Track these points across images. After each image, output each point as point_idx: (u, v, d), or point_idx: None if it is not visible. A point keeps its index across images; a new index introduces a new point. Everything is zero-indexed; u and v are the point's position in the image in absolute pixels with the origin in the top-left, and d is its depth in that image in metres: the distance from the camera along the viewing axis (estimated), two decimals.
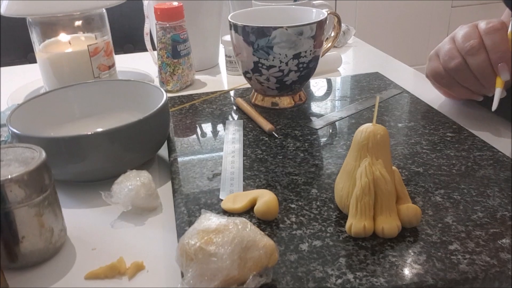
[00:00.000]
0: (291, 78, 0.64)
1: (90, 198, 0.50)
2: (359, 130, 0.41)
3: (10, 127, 0.50)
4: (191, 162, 0.53)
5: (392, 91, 0.71)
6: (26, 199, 0.38)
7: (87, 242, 0.44)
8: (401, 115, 0.63)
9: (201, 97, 0.72)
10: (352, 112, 0.65)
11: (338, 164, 0.51)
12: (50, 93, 0.59)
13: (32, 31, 0.73)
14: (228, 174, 0.50)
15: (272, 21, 0.67)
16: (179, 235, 0.42)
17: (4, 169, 0.38)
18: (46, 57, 0.73)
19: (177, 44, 0.76)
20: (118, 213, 0.48)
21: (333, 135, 0.59)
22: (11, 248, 0.39)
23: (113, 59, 0.78)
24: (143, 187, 0.46)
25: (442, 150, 0.53)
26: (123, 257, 0.41)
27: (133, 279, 0.39)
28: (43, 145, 0.42)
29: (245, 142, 0.57)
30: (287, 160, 0.53)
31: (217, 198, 0.46)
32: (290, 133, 0.59)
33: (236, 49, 0.66)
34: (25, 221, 0.39)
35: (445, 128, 0.58)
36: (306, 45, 0.62)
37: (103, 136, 0.49)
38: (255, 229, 0.35)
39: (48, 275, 0.40)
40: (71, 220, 0.46)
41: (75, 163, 0.49)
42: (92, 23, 0.74)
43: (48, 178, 0.40)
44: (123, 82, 0.64)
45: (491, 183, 0.46)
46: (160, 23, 0.75)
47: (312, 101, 0.70)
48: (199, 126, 0.63)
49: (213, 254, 0.32)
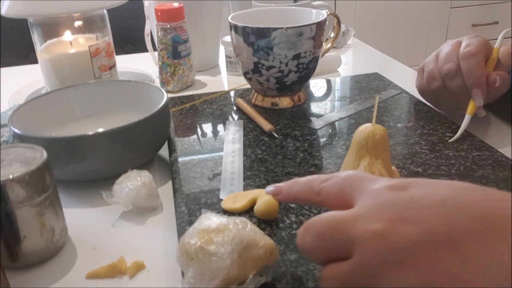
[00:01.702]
0: (291, 78, 0.65)
1: (91, 198, 0.51)
2: (359, 130, 0.41)
3: (12, 127, 0.50)
4: (191, 162, 0.54)
5: (392, 92, 0.71)
6: (28, 199, 0.38)
7: (88, 241, 0.44)
8: (400, 115, 0.63)
9: (202, 98, 0.72)
10: (352, 113, 0.65)
11: (338, 164, 0.52)
12: (51, 94, 0.60)
13: (33, 32, 0.74)
14: (228, 174, 0.50)
15: (272, 22, 0.67)
16: (179, 235, 0.42)
17: (5, 169, 0.39)
18: (48, 58, 0.74)
19: (178, 45, 0.76)
20: (119, 213, 0.48)
21: (332, 135, 0.59)
22: (12, 247, 0.39)
23: (114, 60, 0.78)
24: (144, 187, 0.46)
25: (441, 150, 0.53)
26: (124, 257, 0.41)
27: (134, 278, 0.39)
28: (45, 145, 0.42)
29: (245, 142, 0.58)
30: (287, 160, 0.53)
31: (217, 197, 0.47)
32: (290, 133, 0.59)
33: (236, 49, 0.66)
34: (27, 221, 0.39)
35: (444, 129, 0.58)
36: (305, 45, 0.62)
37: (104, 136, 0.49)
38: (255, 229, 0.35)
39: (49, 274, 0.40)
40: (72, 219, 0.46)
41: (76, 163, 0.49)
42: (93, 23, 0.75)
43: (49, 178, 0.40)
44: (124, 82, 0.64)
45: (489, 183, 0.47)
46: (160, 24, 0.75)
47: (311, 101, 0.70)
48: (200, 126, 0.63)
49: (213, 253, 0.33)
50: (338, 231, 0.28)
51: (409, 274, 0.25)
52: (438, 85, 0.59)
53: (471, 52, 0.55)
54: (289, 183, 0.36)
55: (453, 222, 0.25)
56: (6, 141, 0.57)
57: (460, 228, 0.25)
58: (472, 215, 0.25)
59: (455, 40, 0.59)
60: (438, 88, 0.59)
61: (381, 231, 0.26)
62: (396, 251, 0.26)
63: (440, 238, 0.25)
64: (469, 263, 0.24)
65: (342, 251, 0.28)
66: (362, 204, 0.29)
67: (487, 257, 0.24)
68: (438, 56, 0.59)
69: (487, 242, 0.24)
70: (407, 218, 0.26)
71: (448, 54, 0.57)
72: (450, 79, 0.57)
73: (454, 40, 0.59)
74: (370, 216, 0.28)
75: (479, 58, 0.55)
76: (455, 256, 0.24)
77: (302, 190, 0.35)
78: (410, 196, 0.28)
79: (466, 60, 0.55)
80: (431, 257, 0.25)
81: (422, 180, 0.29)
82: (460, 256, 0.24)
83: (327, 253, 0.29)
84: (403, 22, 2.25)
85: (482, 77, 0.55)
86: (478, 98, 0.55)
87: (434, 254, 0.25)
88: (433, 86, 0.60)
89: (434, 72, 0.59)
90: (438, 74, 0.58)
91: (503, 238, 0.24)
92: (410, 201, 0.27)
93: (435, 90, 0.60)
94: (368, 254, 0.27)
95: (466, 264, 0.24)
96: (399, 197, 0.28)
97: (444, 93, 0.59)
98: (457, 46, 0.58)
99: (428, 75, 0.60)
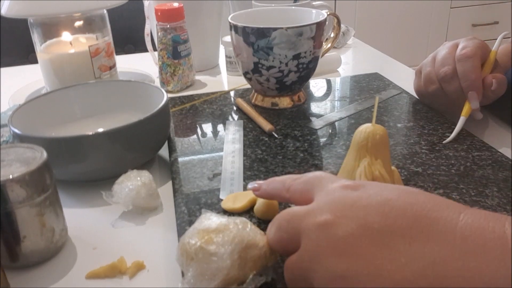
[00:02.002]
0: (291, 78, 0.65)
1: (91, 198, 0.51)
2: (359, 130, 0.41)
3: (12, 127, 0.50)
4: (191, 162, 0.54)
5: (392, 92, 0.71)
6: (28, 199, 0.38)
7: (88, 241, 0.44)
8: (400, 115, 0.63)
9: (202, 98, 0.72)
10: (352, 113, 0.65)
11: (338, 164, 0.52)
12: (51, 94, 0.60)
13: (33, 32, 0.74)
14: (228, 174, 0.50)
15: (272, 22, 0.67)
16: (179, 235, 0.42)
17: (5, 169, 0.39)
18: (48, 58, 0.74)
19: (178, 45, 0.76)
20: (119, 213, 0.48)
21: (332, 135, 0.59)
22: (12, 247, 0.39)
23: (114, 60, 0.78)
24: (144, 187, 0.46)
25: (441, 150, 0.53)
26: (124, 257, 0.41)
27: (134, 278, 0.39)
28: (45, 145, 0.42)
29: (245, 142, 0.58)
30: (287, 160, 0.53)
31: (217, 198, 0.47)
32: (290, 133, 0.59)
33: (236, 49, 0.66)
34: (27, 221, 0.39)
35: (444, 129, 0.58)
36: (305, 45, 0.62)
37: (104, 136, 0.49)
38: (255, 229, 0.35)
39: (49, 274, 0.40)
40: (72, 219, 0.46)
41: (76, 163, 0.49)
42: (93, 24, 0.75)
43: (49, 178, 0.40)
44: (124, 82, 0.64)
45: (489, 183, 0.47)
46: (160, 24, 0.75)
47: (311, 101, 0.70)
48: (200, 126, 0.63)
49: (214, 253, 0.33)
50: (292, 223, 0.32)
51: (341, 262, 0.28)
52: (435, 88, 0.59)
53: (467, 54, 0.55)
54: (268, 180, 0.39)
55: (388, 220, 0.28)
56: (6, 141, 0.57)
57: (393, 226, 0.28)
58: (406, 216, 0.28)
59: (452, 42, 0.59)
60: (435, 91, 0.59)
61: (324, 223, 0.29)
62: (335, 241, 0.29)
63: (373, 233, 0.28)
64: (392, 256, 0.27)
65: (295, 243, 0.31)
66: (317, 200, 0.32)
67: (409, 253, 0.26)
68: (435, 58, 0.59)
69: (411, 240, 0.27)
70: (350, 214, 0.29)
71: (445, 57, 0.57)
72: (447, 82, 0.57)
73: (451, 42, 0.59)
74: (319, 210, 0.30)
75: (475, 60, 0.55)
76: (382, 249, 0.27)
77: (276, 187, 0.37)
78: (358, 195, 0.30)
79: (462, 62, 0.55)
80: (362, 249, 0.28)
81: (376, 183, 0.32)
82: (387, 250, 0.27)
83: (284, 244, 0.33)
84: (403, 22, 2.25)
85: (478, 80, 0.55)
86: (474, 101, 0.55)
87: (365, 246, 0.28)
88: (430, 89, 0.60)
89: (431, 75, 0.59)
90: (435, 77, 0.59)
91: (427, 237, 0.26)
92: (357, 199, 0.30)
93: (433, 93, 0.60)
94: (311, 243, 0.30)
95: (389, 257, 0.27)
96: (348, 195, 0.31)
97: (442, 96, 0.59)
98: (454, 48, 0.58)
99: (425, 78, 0.60)
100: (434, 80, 0.59)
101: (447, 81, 0.57)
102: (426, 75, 0.60)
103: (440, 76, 0.57)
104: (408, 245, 0.27)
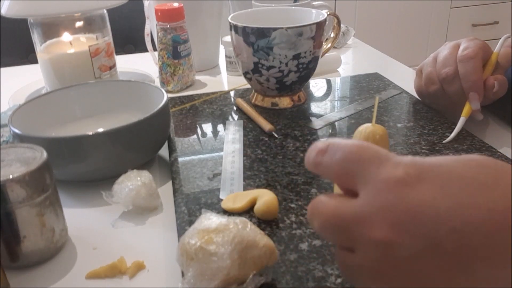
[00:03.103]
0: (291, 78, 0.65)
1: (91, 198, 0.51)
2: (359, 130, 0.41)
3: (12, 127, 0.50)
4: (191, 162, 0.54)
5: (392, 92, 0.71)
6: (28, 199, 0.38)
7: (88, 241, 0.44)
8: (400, 115, 0.63)
9: (202, 98, 0.72)
10: (352, 113, 0.65)
11: None
12: (51, 94, 0.60)
13: (33, 32, 0.74)
14: (228, 174, 0.50)
15: (272, 22, 0.67)
16: (179, 235, 0.42)
17: (5, 169, 0.39)
18: (48, 58, 0.74)
19: (178, 45, 0.76)
20: (119, 213, 0.48)
21: (332, 135, 0.59)
22: (12, 247, 0.39)
23: (114, 60, 0.78)
24: (144, 187, 0.46)
25: (441, 150, 0.53)
26: (124, 257, 0.41)
27: (134, 278, 0.39)
28: (45, 145, 0.42)
29: (245, 142, 0.58)
30: (287, 160, 0.53)
31: (217, 197, 0.47)
32: (290, 133, 0.59)
33: (236, 49, 0.66)
34: (27, 221, 0.39)
35: (444, 129, 0.58)
36: (305, 45, 0.62)
37: (104, 136, 0.49)
38: (255, 229, 0.35)
39: (49, 274, 0.40)
40: (72, 219, 0.46)
41: (76, 163, 0.49)
42: (93, 24, 0.75)
43: (49, 178, 0.40)
44: (124, 82, 0.64)
45: None
46: (160, 24, 0.75)
47: (311, 101, 0.70)
48: (200, 126, 0.63)
49: (214, 253, 0.33)
50: (341, 229, 0.28)
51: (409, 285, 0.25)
52: (436, 88, 0.59)
53: (468, 55, 0.55)
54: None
55: (462, 240, 0.23)
56: (6, 141, 0.57)
57: (469, 245, 0.23)
58: (481, 231, 0.23)
59: (453, 42, 0.59)
60: (436, 91, 0.59)
61: (382, 241, 0.25)
62: (397, 264, 0.25)
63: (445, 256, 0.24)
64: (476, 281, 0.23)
65: (346, 245, 0.29)
66: (365, 200, 0.27)
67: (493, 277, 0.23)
68: (436, 59, 0.59)
69: (493, 262, 0.23)
70: (413, 229, 0.25)
71: (446, 57, 0.57)
72: (448, 83, 0.57)
73: (452, 43, 0.59)
74: (371, 219, 0.26)
75: (476, 61, 0.55)
76: (461, 274, 0.23)
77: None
78: (420, 199, 0.25)
79: (464, 63, 0.55)
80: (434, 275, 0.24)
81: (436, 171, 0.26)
82: (466, 275, 0.23)
83: (333, 241, 0.31)
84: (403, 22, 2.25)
85: (479, 81, 0.55)
86: (475, 102, 0.55)
87: (439, 270, 0.24)
88: (431, 89, 0.60)
89: (432, 75, 0.59)
90: (436, 77, 0.59)
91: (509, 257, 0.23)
92: (418, 207, 0.25)
93: (433, 93, 0.60)
94: (369, 260, 0.26)
95: (472, 282, 0.23)
96: (406, 199, 0.25)
97: (442, 96, 0.59)
98: (455, 49, 0.58)
99: (426, 78, 0.60)
100: (435, 80, 0.59)
101: (448, 81, 0.57)
102: (427, 75, 0.60)
103: (441, 76, 0.57)
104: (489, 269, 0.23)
